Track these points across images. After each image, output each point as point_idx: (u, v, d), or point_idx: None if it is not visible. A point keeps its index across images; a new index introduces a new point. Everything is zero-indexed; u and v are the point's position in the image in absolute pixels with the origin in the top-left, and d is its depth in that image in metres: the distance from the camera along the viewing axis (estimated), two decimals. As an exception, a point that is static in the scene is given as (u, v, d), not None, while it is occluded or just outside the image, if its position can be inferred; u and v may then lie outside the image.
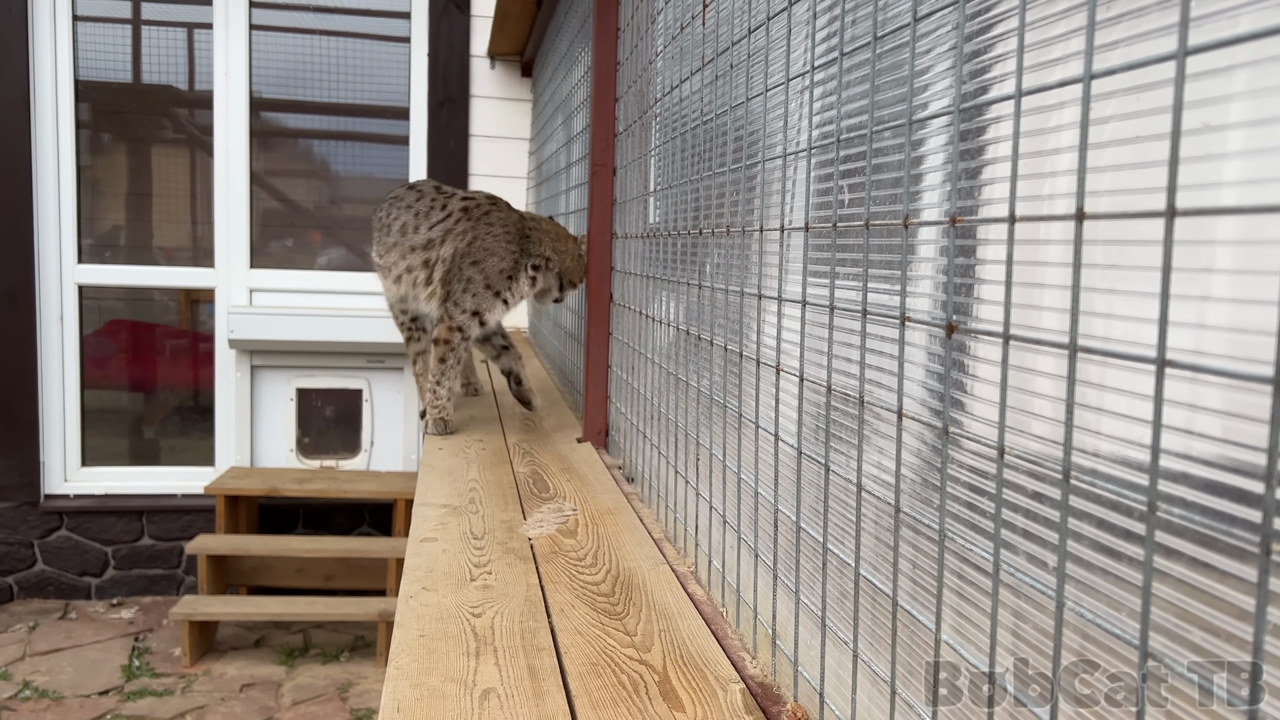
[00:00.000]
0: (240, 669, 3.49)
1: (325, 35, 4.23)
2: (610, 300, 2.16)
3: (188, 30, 4.14)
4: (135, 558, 4.13)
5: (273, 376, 4.25)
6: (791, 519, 1.05)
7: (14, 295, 3.95)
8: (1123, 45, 0.57)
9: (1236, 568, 0.50)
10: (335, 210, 4.41)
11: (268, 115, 4.25)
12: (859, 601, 0.88)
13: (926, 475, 0.79)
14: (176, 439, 4.33)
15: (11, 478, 4.02)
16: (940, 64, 0.78)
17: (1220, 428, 0.51)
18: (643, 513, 1.67)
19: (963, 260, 0.74)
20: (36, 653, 3.58)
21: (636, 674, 1.05)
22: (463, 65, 4.19)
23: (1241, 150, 0.49)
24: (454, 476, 1.89)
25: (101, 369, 4.24)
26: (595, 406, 2.19)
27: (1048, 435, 0.63)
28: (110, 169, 4.23)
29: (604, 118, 2.12)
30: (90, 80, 4.07)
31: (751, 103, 1.20)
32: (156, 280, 4.22)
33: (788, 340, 1.07)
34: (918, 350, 0.80)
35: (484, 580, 1.32)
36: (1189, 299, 0.51)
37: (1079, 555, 0.61)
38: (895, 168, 0.83)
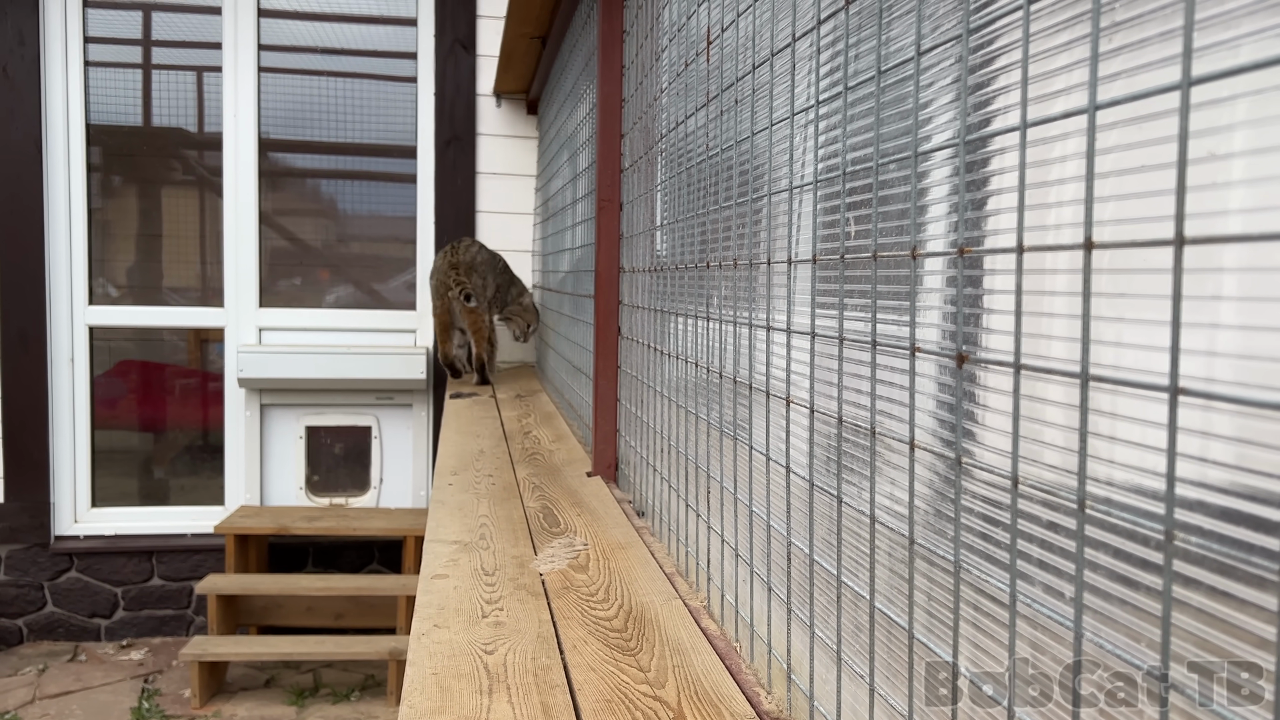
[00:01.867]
0: (251, 710, 3.46)
1: (333, 76, 4.29)
2: (618, 334, 2.17)
3: (197, 74, 4.20)
4: (145, 598, 4.12)
5: (282, 415, 4.26)
6: (804, 551, 1.04)
7: (25, 337, 3.98)
8: (1124, 76, 0.57)
9: (1256, 596, 0.49)
10: (343, 248, 4.44)
11: (276, 156, 4.30)
12: (874, 634, 0.87)
13: (940, 506, 0.78)
14: (186, 478, 4.34)
15: (22, 519, 4.02)
16: (944, 97, 0.79)
17: (1234, 455, 0.51)
18: (654, 546, 1.66)
19: (971, 290, 0.74)
20: (46, 695, 3.56)
21: (651, 710, 1.04)
22: (469, 104, 4.24)
23: (1244, 179, 0.49)
24: (464, 512, 1.88)
25: (112, 409, 4.25)
26: (604, 440, 2.19)
27: (1061, 464, 0.63)
28: (121, 211, 4.28)
29: (610, 153, 2.14)
30: (101, 124, 4.12)
31: (757, 137, 1.21)
32: (166, 320, 4.25)
33: (797, 372, 1.07)
34: (928, 380, 0.80)
35: (496, 616, 1.31)
36: (1199, 326, 0.51)
37: (1096, 585, 0.60)
38: (901, 199, 0.84)
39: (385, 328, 4.30)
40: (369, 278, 4.41)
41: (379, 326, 4.31)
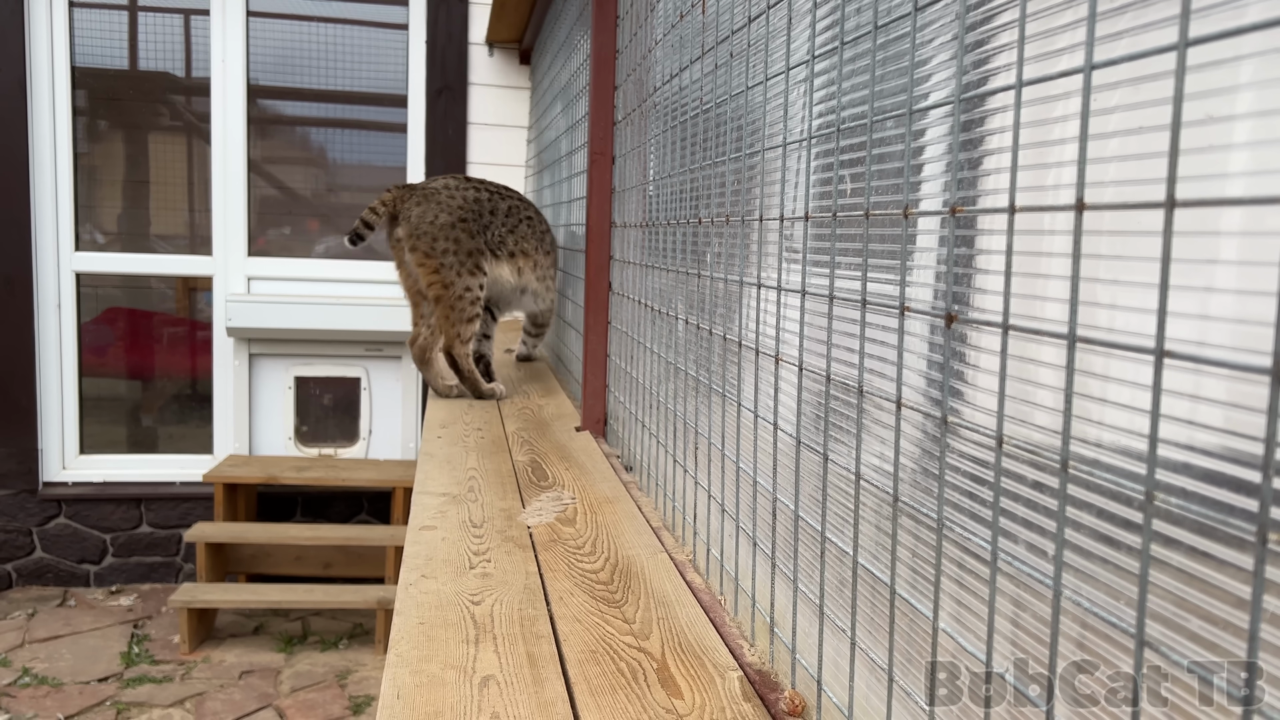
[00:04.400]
0: (239, 656, 3.50)
1: (323, 22, 4.21)
2: (609, 289, 2.16)
3: (185, 17, 4.12)
4: (134, 545, 4.14)
5: (271, 364, 4.25)
6: (790, 508, 1.05)
7: (11, 283, 3.94)
8: (1128, 35, 0.57)
9: (1234, 556, 0.50)
10: (333, 198, 4.40)
11: (265, 103, 4.24)
12: (857, 590, 0.89)
13: (925, 464, 0.79)
14: (175, 427, 4.33)
15: (10, 465, 4.02)
16: (942, 54, 0.78)
17: (1222, 418, 0.51)
18: (641, 501, 1.67)
19: (963, 250, 0.74)
20: (36, 640, 3.59)
21: (635, 661, 1.06)
22: (461, 53, 4.18)
23: (1248, 141, 0.49)
24: (453, 465, 1.89)
25: (100, 357, 4.23)
26: (594, 395, 2.19)
27: (1049, 425, 0.64)
28: (107, 156, 4.22)
29: (603, 106, 2.12)
30: (87, 67, 4.05)
31: (751, 92, 1.20)
32: (154, 268, 4.21)
33: (787, 329, 1.07)
34: (917, 340, 0.80)
35: (483, 568, 1.33)
36: (1193, 290, 0.51)
37: (1078, 544, 0.61)
38: (896, 157, 0.83)
39: (375, 279, 4.28)
40: (359, 228, 4.37)
41: (369, 278, 4.28)
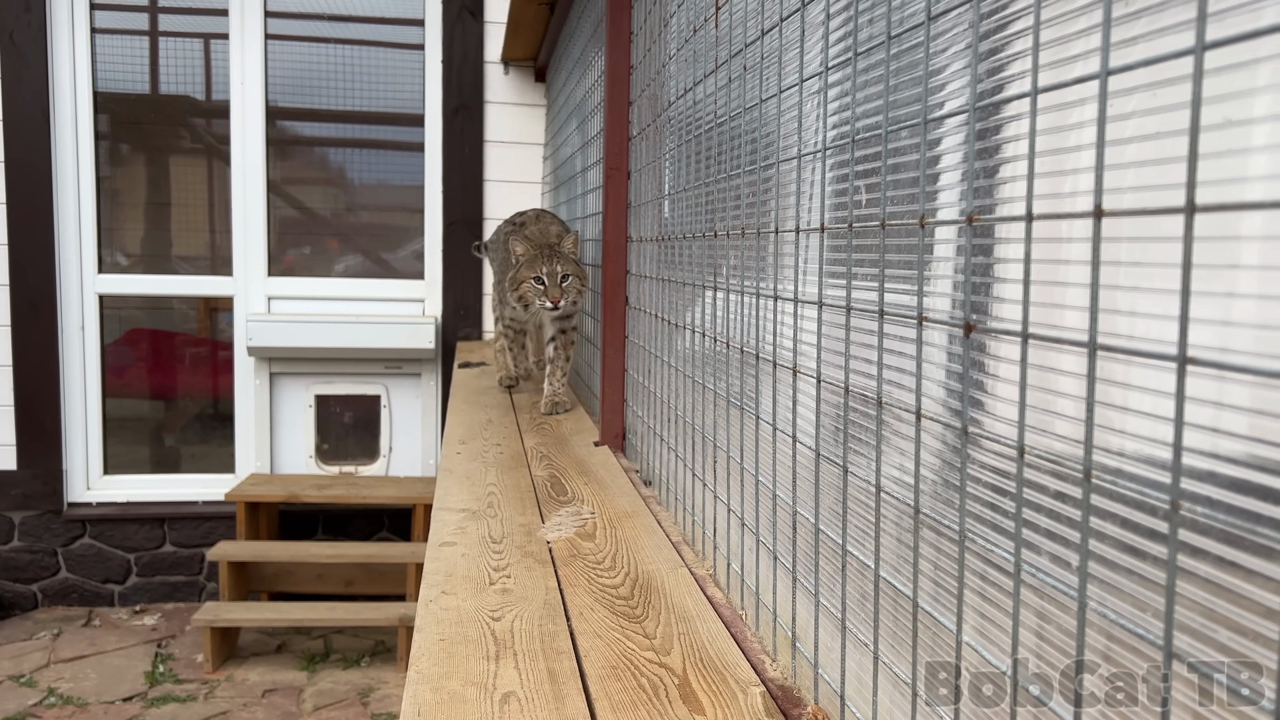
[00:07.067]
0: (262, 674, 3.51)
1: (340, 44, 4.26)
2: (626, 304, 2.16)
3: (204, 41, 4.17)
4: (157, 565, 4.16)
5: (291, 383, 4.27)
6: (810, 521, 1.04)
7: (36, 306, 3.99)
8: (1144, 40, 0.56)
9: (1263, 565, 0.49)
10: (352, 217, 4.43)
11: (284, 124, 4.28)
12: (879, 603, 0.88)
13: (946, 476, 0.78)
14: (197, 446, 4.36)
15: (35, 486, 4.06)
16: (956, 62, 0.78)
17: (1247, 425, 0.50)
18: (660, 516, 1.67)
19: (981, 259, 0.74)
20: (61, 659, 3.61)
21: (656, 677, 1.05)
22: (476, 71, 4.21)
23: (1267, 144, 0.48)
24: (472, 481, 1.89)
25: (122, 378, 4.27)
26: (612, 410, 2.19)
27: (1071, 435, 0.63)
28: (129, 179, 4.27)
29: (618, 122, 2.12)
30: (108, 92, 4.11)
31: (766, 104, 1.20)
32: (176, 289, 4.25)
33: (805, 341, 1.07)
34: (936, 350, 0.80)
35: (503, 584, 1.32)
36: (1215, 295, 0.51)
37: (1102, 555, 0.60)
38: (911, 167, 0.83)
39: (394, 297, 4.30)
40: (377, 247, 4.40)
41: (388, 296, 4.31)
